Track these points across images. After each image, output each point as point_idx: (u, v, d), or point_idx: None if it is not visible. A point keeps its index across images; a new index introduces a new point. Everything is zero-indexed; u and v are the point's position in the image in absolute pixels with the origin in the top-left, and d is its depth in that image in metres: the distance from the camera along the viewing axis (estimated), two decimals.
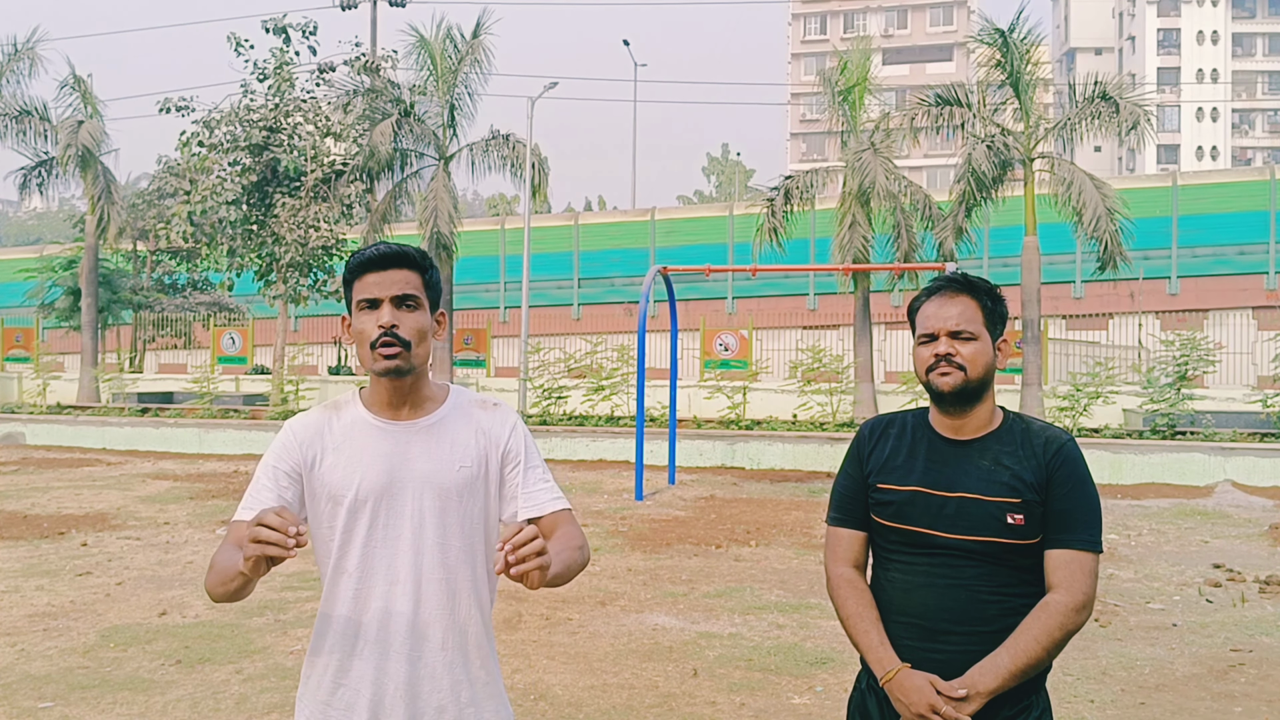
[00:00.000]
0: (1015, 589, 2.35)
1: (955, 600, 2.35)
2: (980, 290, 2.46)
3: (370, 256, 2.26)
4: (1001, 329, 2.47)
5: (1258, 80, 74.50)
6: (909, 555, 2.42)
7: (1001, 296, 2.50)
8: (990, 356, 2.42)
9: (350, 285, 2.29)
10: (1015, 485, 2.34)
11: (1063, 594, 2.30)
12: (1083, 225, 18.83)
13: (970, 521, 2.34)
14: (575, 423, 19.55)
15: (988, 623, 2.33)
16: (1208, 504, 12.76)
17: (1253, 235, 30.73)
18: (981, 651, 2.31)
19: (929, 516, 2.38)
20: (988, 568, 2.34)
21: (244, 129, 23.45)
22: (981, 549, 2.34)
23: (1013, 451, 2.39)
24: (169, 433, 19.55)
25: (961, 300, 2.44)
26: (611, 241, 35.45)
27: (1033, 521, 2.33)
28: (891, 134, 21.12)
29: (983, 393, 2.43)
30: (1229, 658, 6.36)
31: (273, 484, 2.25)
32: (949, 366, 2.40)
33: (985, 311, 2.44)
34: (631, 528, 10.84)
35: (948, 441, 2.45)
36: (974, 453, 2.41)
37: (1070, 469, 2.36)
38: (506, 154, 23.03)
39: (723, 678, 5.93)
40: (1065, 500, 2.34)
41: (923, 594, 2.38)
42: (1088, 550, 2.33)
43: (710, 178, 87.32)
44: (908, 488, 2.42)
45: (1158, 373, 17.89)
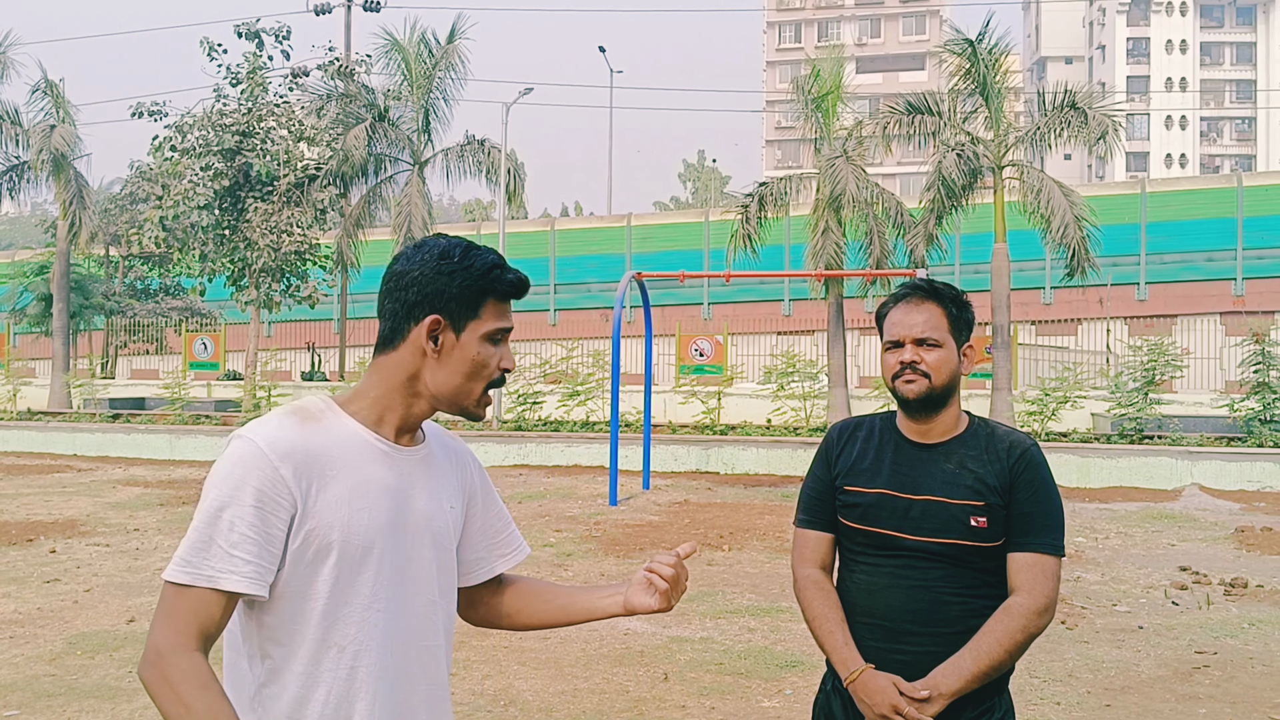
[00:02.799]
0: (978, 591, 2.38)
1: (918, 601, 2.38)
2: (945, 297, 2.48)
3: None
4: (967, 335, 2.50)
5: (1225, 89, 75.39)
6: (874, 557, 2.45)
7: (967, 303, 2.52)
8: (955, 363, 2.45)
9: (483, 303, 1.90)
10: (979, 488, 2.37)
11: (1025, 597, 2.33)
12: (1051, 232, 19.03)
13: (934, 524, 2.37)
14: (550, 428, 19.54)
15: (950, 624, 2.36)
16: (1175, 507, 12.91)
17: (1220, 242, 31.10)
18: (944, 653, 2.34)
19: (894, 519, 2.41)
20: (951, 570, 2.37)
21: (216, 133, 23.34)
22: (945, 551, 2.37)
23: (977, 455, 2.43)
24: (140, 439, 19.42)
25: (927, 308, 2.46)
26: (588, 247, 35.46)
27: (995, 524, 2.36)
28: (864, 142, 21.26)
29: (948, 399, 2.46)
30: (1194, 660, 6.45)
31: (259, 547, 1.68)
32: (914, 374, 2.43)
33: (950, 318, 2.47)
34: (605, 532, 10.86)
35: (914, 445, 2.48)
36: (939, 456, 2.45)
37: (1033, 473, 2.40)
38: (482, 159, 23.05)
39: (693, 682, 5.96)
40: (1028, 504, 2.37)
41: (887, 595, 2.41)
42: (1050, 554, 2.37)
43: (686, 184, 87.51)
44: (874, 490, 2.45)
45: (1126, 378, 18.08)
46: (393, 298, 1.85)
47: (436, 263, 1.83)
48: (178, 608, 1.67)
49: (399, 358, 1.84)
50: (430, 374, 1.84)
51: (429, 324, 1.82)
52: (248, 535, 1.67)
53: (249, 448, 1.71)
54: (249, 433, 1.73)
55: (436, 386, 1.84)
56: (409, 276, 1.83)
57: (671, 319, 26.96)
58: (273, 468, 1.69)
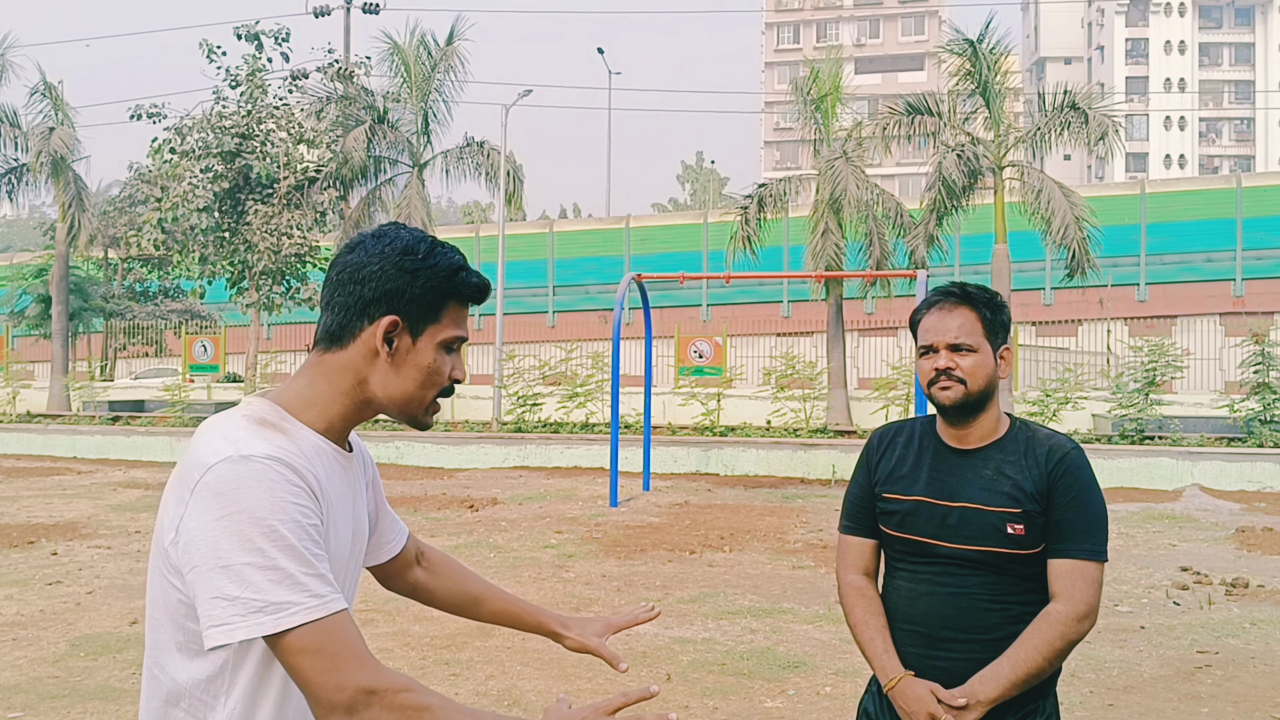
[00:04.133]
0: (1017, 597, 2.38)
1: (957, 609, 2.38)
2: (979, 301, 2.46)
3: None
4: (1004, 338, 2.47)
5: (1224, 89, 75.46)
6: (913, 564, 2.46)
7: (1002, 304, 2.50)
8: (991, 367, 2.43)
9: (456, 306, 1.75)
10: (1016, 495, 2.36)
11: (1064, 604, 2.32)
12: (1051, 233, 19.06)
13: (972, 531, 2.37)
14: (550, 430, 19.55)
15: (989, 631, 2.36)
16: (1175, 508, 12.91)
17: (1220, 243, 31.14)
18: (983, 660, 2.34)
19: (932, 526, 2.41)
20: (990, 577, 2.37)
21: (216, 136, 23.36)
22: (983, 559, 2.37)
23: (1015, 461, 2.41)
24: (140, 441, 19.42)
25: (960, 312, 2.44)
26: (586, 249, 35.50)
27: (1033, 531, 2.35)
28: (864, 143, 21.29)
29: (985, 403, 2.45)
30: (1196, 659, 6.45)
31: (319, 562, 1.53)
32: (949, 380, 2.41)
33: (985, 322, 2.44)
34: (606, 534, 10.86)
35: (952, 450, 2.48)
36: (978, 462, 2.43)
37: (1072, 478, 2.37)
38: (481, 161, 23.07)
39: (696, 682, 5.96)
40: (1067, 509, 2.35)
41: (926, 602, 2.42)
42: (1090, 559, 2.34)
43: (685, 185, 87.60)
44: (912, 497, 2.45)
45: (1126, 378, 18.09)
46: (344, 290, 1.67)
47: (398, 258, 1.66)
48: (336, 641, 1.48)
49: (347, 359, 1.67)
50: (380, 378, 1.67)
51: (386, 325, 1.65)
52: (314, 552, 1.51)
53: (265, 468, 1.51)
54: (246, 451, 1.52)
55: (386, 392, 1.68)
56: (366, 270, 1.65)
57: (670, 321, 26.98)
58: (301, 483, 1.55)
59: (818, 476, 16.08)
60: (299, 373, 1.71)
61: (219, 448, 1.53)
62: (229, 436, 1.56)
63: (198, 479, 1.51)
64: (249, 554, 1.46)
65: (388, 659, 6.29)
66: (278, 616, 1.46)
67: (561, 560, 9.48)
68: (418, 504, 13.03)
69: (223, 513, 1.48)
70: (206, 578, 1.48)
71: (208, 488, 1.50)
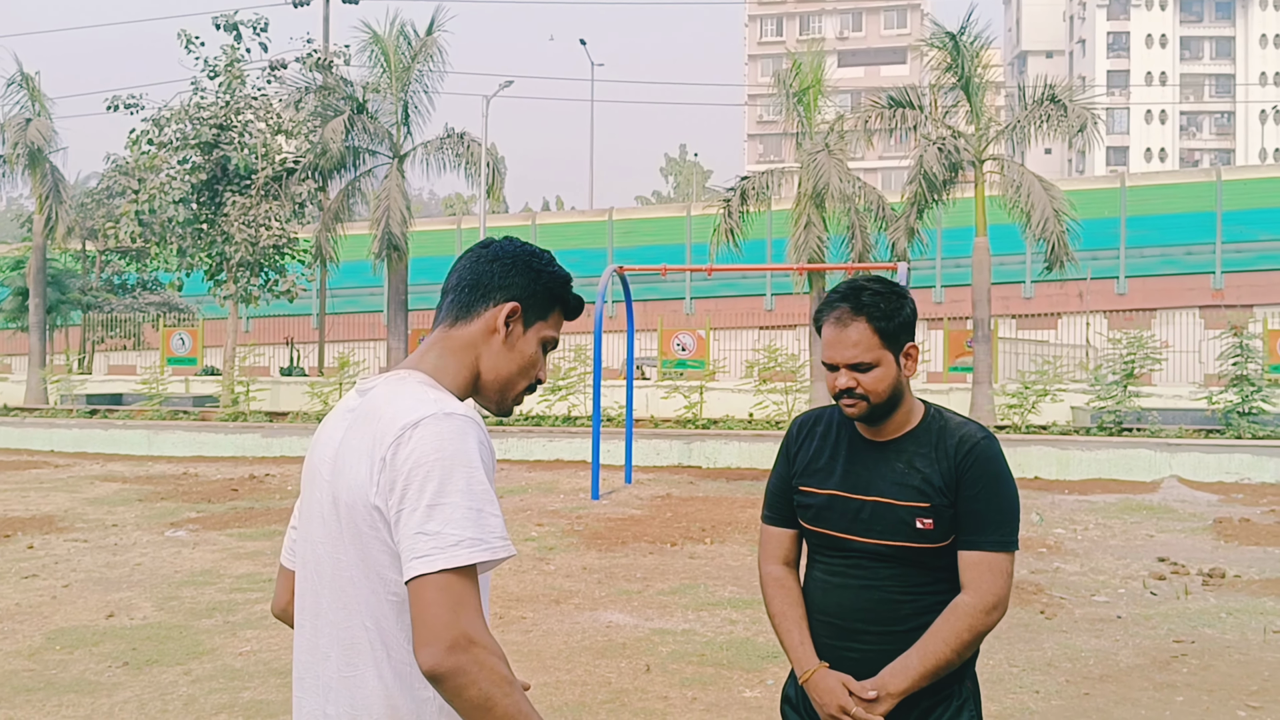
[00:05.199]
0: (929, 588, 2.39)
1: (869, 601, 2.40)
2: (873, 313, 2.38)
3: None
4: (907, 336, 2.43)
5: (1205, 83, 75.90)
6: (828, 556, 2.48)
7: (899, 304, 2.41)
8: (894, 374, 2.40)
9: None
10: (925, 489, 2.36)
11: (972, 595, 2.33)
12: (1031, 226, 19.12)
13: (883, 526, 2.37)
14: (532, 423, 19.52)
15: (901, 622, 2.38)
16: (1153, 499, 12.99)
17: (1199, 236, 31.35)
18: (895, 650, 2.36)
19: (845, 521, 2.42)
20: (901, 569, 2.38)
21: (194, 126, 23.18)
22: (894, 553, 2.38)
23: (926, 453, 2.40)
24: (118, 434, 19.28)
25: (856, 328, 2.37)
26: (569, 242, 35.44)
27: (942, 525, 2.35)
28: (846, 136, 21.30)
29: (894, 407, 2.43)
30: (1172, 649, 6.49)
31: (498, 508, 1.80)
32: (852, 399, 2.40)
33: (881, 333, 2.38)
34: (587, 526, 10.85)
35: (867, 442, 2.48)
36: (891, 454, 2.43)
37: (981, 468, 2.36)
38: (461, 153, 22.96)
39: (675, 673, 5.96)
40: (975, 501, 2.35)
41: (839, 594, 2.44)
42: (999, 550, 2.34)
43: (668, 178, 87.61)
44: (826, 491, 2.46)
45: (1105, 371, 18.19)
46: (476, 272, 1.89)
47: (528, 258, 1.92)
48: (465, 591, 1.63)
49: (469, 334, 1.87)
50: (491, 357, 1.88)
51: (509, 308, 1.87)
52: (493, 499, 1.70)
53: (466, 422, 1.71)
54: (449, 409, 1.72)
55: (493, 370, 1.88)
56: (500, 262, 1.89)
57: (653, 314, 26.97)
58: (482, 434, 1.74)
59: None
60: (427, 349, 1.88)
61: (419, 408, 1.71)
62: (422, 399, 1.74)
63: (400, 434, 1.68)
64: (453, 495, 1.64)
65: None
66: (472, 550, 1.63)
67: (542, 553, 9.46)
68: None
69: (432, 458, 1.66)
70: (408, 517, 1.64)
71: (419, 440, 1.67)
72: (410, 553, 1.63)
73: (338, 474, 1.78)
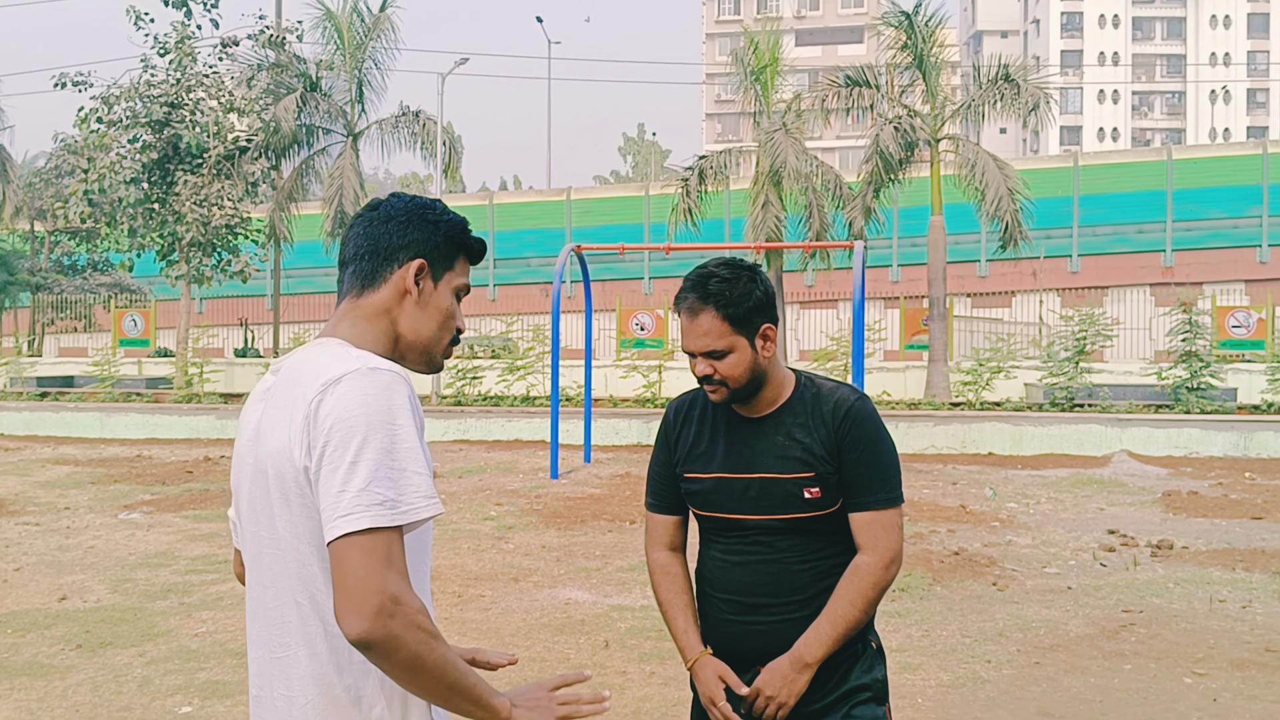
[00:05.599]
0: (825, 552, 2.43)
1: (769, 575, 2.43)
2: (720, 301, 2.37)
3: None
4: (763, 317, 2.40)
5: (1156, 63, 76.80)
6: (723, 536, 2.50)
7: (749, 287, 2.39)
8: (749, 358, 2.39)
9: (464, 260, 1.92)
10: (807, 460, 2.39)
11: (870, 554, 2.38)
12: (985, 205, 19.32)
13: (772, 501, 2.41)
14: (491, 403, 19.48)
15: (802, 590, 2.43)
16: (1104, 473, 13.21)
17: (1150, 214, 31.77)
18: (798, 618, 2.41)
19: (734, 501, 2.44)
20: (796, 538, 2.42)
21: (144, 105, 22.80)
22: (787, 525, 2.41)
23: (804, 423, 2.43)
24: (69, 417, 19.00)
25: (704, 318, 2.38)
26: (527, 221, 35.30)
27: (829, 491, 2.39)
28: (803, 115, 21.38)
29: (759, 385, 2.44)
30: (1120, 618, 6.62)
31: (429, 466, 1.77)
32: (712, 384, 2.42)
33: (731, 319, 2.37)
34: (546, 505, 10.87)
35: (744, 420, 2.49)
36: (769, 428, 2.45)
37: (859, 430, 2.40)
38: (417, 131, 22.80)
39: (634, 648, 6.00)
40: (858, 464, 2.39)
41: (739, 571, 2.47)
42: (888, 507, 2.40)
43: (626, 158, 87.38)
44: (710, 475, 2.47)
45: (1057, 348, 18.45)
46: (371, 237, 1.83)
47: (422, 210, 1.86)
48: (391, 552, 1.58)
49: (380, 300, 1.82)
50: (408, 318, 1.83)
51: (416, 267, 1.82)
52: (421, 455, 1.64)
53: (393, 378, 1.67)
54: (373, 364, 1.68)
55: (413, 332, 1.83)
56: (395, 220, 1.83)
57: (613, 294, 26.95)
58: (409, 390, 1.69)
59: None
60: (339, 320, 1.83)
61: (339, 366, 1.67)
62: (346, 356, 1.70)
63: (323, 390, 1.63)
64: (377, 453, 1.59)
65: None
66: (393, 512, 1.58)
67: (501, 532, 9.47)
68: None
69: (354, 414, 1.61)
70: (329, 476, 1.59)
71: (342, 395, 1.62)
72: (332, 512, 1.58)
73: (260, 445, 1.73)
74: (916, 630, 6.35)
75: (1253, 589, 7.32)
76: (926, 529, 9.52)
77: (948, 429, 15.91)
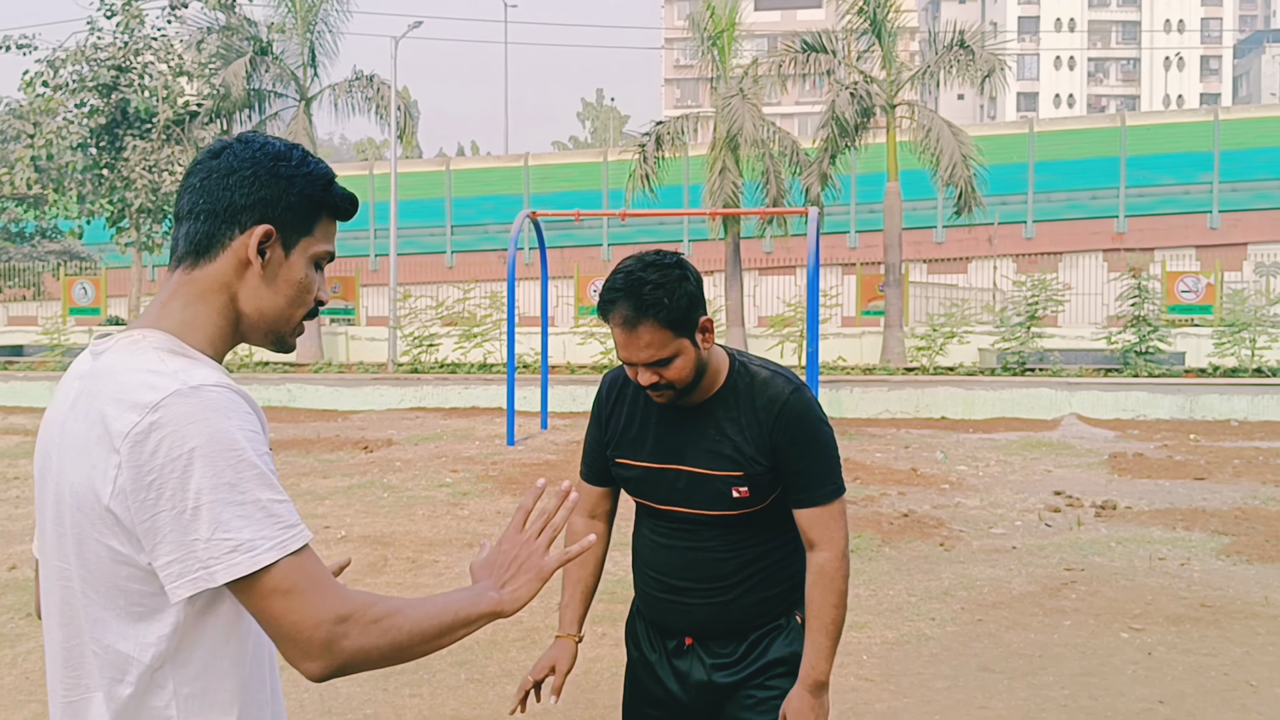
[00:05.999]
0: (750, 542, 2.45)
1: (694, 562, 2.46)
2: (658, 310, 2.26)
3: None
4: (697, 315, 2.32)
5: (1112, 30, 77.28)
6: (652, 520, 2.54)
7: (682, 289, 2.29)
8: (693, 355, 2.33)
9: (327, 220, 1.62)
10: (737, 458, 2.37)
11: (826, 549, 2.38)
12: (940, 171, 19.43)
13: (700, 497, 2.41)
14: (448, 370, 19.43)
15: (726, 578, 2.45)
16: (1053, 436, 13.43)
17: (1104, 181, 32.06)
18: (720, 603, 2.44)
19: (662, 492, 2.45)
20: (721, 530, 2.44)
21: (91, 68, 22.36)
22: (714, 519, 2.43)
23: (735, 417, 2.39)
24: (19, 386, 18.73)
25: (644, 330, 2.27)
26: (485, 188, 35.02)
27: (758, 490, 2.38)
28: (760, 80, 21.33)
29: (700, 380, 2.40)
30: (1062, 576, 6.77)
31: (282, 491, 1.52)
32: (659, 390, 2.36)
33: (671, 325, 2.27)
34: (502, 471, 10.89)
35: (676, 408, 2.45)
36: (700, 419, 2.41)
37: (796, 428, 2.36)
38: (371, 96, 22.55)
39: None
40: (799, 461, 2.37)
41: (666, 554, 2.50)
42: (833, 500, 2.39)
43: (585, 123, 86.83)
44: (641, 463, 2.47)
45: (1010, 313, 18.67)
46: (211, 197, 1.52)
47: (272, 164, 1.54)
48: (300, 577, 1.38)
49: (217, 273, 1.53)
50: (250, 293, 1.54)
51: (260, 233, 1.51)
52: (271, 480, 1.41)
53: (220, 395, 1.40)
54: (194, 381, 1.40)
55: (257, 311, 1.55)
56: (237, 175, 1.52)
57: (571, 260, 26.87)
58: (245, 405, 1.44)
59: None
60: (168, 298, 1.54)
61: (156, 383, 1.40)
62: (159, 370, 1.42)
63: (139, 421, 1.37)
64: (219, 490, 1.36)
65: None
66: (253, 555, 1.35)
67: (456, 498, 9.48)
68: (310, 446, 12.86)
69: (185, 449, 1.36)
70: (170, 524, 1.36)
71: (161, 427, 1.36)
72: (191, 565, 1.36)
73: (61, 465, 1.49)
74: (864, 590, 6.45)
75: (1192, 547, 7.51)
76: (878, 492, 9.65)
77: (901, 394, 16.09)
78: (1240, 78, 77.50)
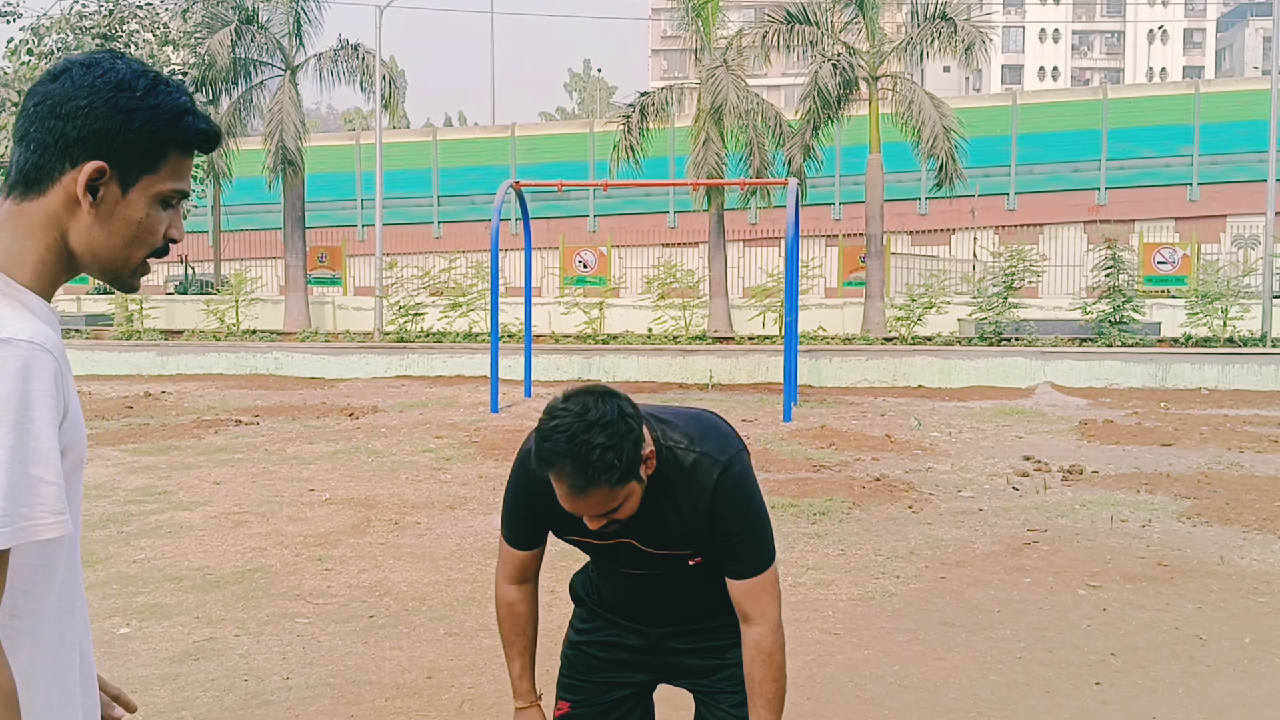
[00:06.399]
0: (705, 577, 2.48)
1: (647, 594, 2.54)
2: (610, 477, 2.13)
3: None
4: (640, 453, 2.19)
5: (1096, 2, 77.23)
6: (605, 572, 2.58)
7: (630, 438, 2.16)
8: (640, 489, 2.25)
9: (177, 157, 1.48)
10: (685, 541, 2.39)
11: (760, 624, 2.39)
12: (922, 143, 19.57)
13: (653, 565, 2.44)
14: (433, 339, 19.59)
15: (680, 611, 2.55)
16: (1026, 404, 13.68)
17: (1086, 153, 32.25)
18: (676, 633, 2.55)
19: (619, 559, 2.46)
20: (674, 580, 2.50)
21: (76, 36, 22.30)
22: (670, 576, 2.49)
23: (675, 507, 2.35)
24: None
25: (592, 495, 2.15)
26: (471, 158, 35.01)
27: (711, 555, 2.42)
28: (744, 51, 21.39)
29: None
30: (1025, 537, 7.00)
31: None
32: (611, 527, 2.28)
33: (622, 481, 2.17)
34: (485, 438, 11.07)
35: None
36: (640, 511, 2.30)
37: (727, 505, 2.35)
38: (356, 65, 22.51)
39: (563, 569, 6.20)
40: (732, 537, 2.37)
41: (623, 596, 2.58)
42: (765, 570, 2.39)
43: (572, 94, 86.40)
44: (587, 540, 2.41)
45: (988, 283, 18.90)
46: (43, 126, 1.41)
47: (111, 94, 1.41)
48: None
49: (47, 207, 1.41)
50: (82, 232, 1.43)
51: (90, 171, 1.40)
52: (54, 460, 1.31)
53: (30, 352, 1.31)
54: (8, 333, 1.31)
55: (89, 251, 1.44)
56: (71, 104, 1.40)
57: (556, 231, 26.96)
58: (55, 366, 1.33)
59: (696, 381, 16.51)
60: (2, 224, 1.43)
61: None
62: None
63: None
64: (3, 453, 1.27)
65: (261, 559, 6.45)
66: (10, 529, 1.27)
67: (439, 463, 9.67)
68: (296, 413, 13.02)
69: None
70: None
71: None
72: None
73: None
74: (833, 550, 6.68)
75: (1154, 509, 7.75)
76: (852, 457, 9.88)
77: (879, 363, 16.33)
78: (1223, 51, 77.65)
